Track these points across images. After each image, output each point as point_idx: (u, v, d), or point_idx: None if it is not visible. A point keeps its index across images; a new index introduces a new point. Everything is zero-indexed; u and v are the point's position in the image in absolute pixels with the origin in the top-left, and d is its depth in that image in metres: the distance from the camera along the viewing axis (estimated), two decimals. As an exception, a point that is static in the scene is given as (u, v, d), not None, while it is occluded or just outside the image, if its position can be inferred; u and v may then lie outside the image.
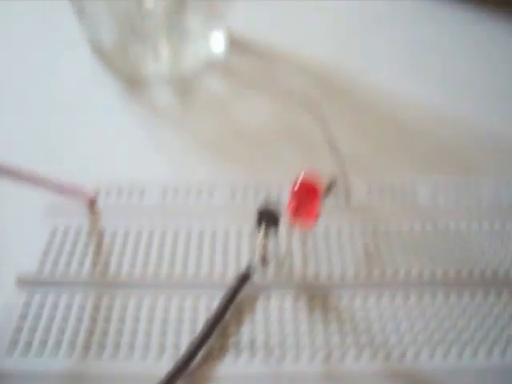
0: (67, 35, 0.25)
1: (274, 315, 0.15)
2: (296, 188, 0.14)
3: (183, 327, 0.15)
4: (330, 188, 0.17)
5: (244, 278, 0.15)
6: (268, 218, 0.15)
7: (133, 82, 0.23)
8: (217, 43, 0.25)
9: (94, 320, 0.15)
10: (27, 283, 0.16)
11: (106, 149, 0.20)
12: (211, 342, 0.14)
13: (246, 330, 0.15)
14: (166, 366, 0.14)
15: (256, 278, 0.16)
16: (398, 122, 0.22)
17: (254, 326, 0.15)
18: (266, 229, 0.15)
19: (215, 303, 0.15)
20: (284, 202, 0.16)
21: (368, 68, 0.25)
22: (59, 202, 0.18)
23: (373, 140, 0.21)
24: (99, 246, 0.17)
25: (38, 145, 0.21)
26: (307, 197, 0.14)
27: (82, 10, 0.23)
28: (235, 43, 0.26)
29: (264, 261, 0.15)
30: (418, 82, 0.24)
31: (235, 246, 0.17)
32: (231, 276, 0.16)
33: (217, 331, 0.15)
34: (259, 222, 0.16)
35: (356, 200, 0.18)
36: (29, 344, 0.14)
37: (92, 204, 0.18)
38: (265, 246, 0.15)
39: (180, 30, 0.23)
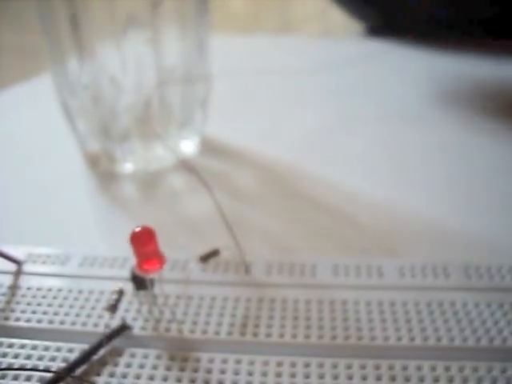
0: (62, 139, 0.29)
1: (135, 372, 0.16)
2: (130, 238, 0.16)
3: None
4: (211, 254, 0.19)
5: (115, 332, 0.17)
6: (133, 278, 0.17)
7: (108, 177, 0.27)
8: (188, 147, 0.28)
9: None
10: None
11: (58, 221, 0.24)
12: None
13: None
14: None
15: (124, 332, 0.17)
16: (339, 214, 0.23)
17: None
18: (135, 287, 0.17)
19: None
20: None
21: (324, 169, 0.27)
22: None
23: (307, 229, 0.23)
24: (12, 296, 0.19)
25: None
26: (142, 243, 0.16)
27: (72, 122, 0.27)
28: (206, 145, 0.29)
29: (111, 309, 0.16)
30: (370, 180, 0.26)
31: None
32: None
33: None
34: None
35: (254, 274, 0.19)
36: None
37: (19, 266, 0.20)
38: (117, 298, 0.17)
39: (151, 134, 0.26)
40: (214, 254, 0.19)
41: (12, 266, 0.20)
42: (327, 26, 0.64)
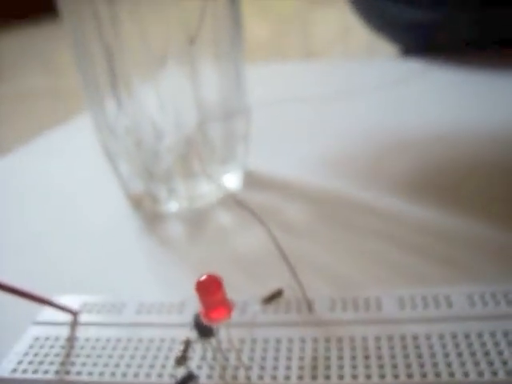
0: (105, 182, 0.29)
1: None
2: (196, 287, 0.15)
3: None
4: (274, 295, 0.18)
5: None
6: (198, 326, 0.16)
7: (153, 218, 0.27)
8: (232, 181, 0.27)
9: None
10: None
11: (109, 268, 0.23)
12: None
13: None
14: None
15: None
16: (395, 242, 0.23)
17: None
18: (200, 336, 0.16)
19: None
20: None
21: (370, 195, 0.26)
22: (47, 314, 0.20)
23: (364, 260, 0.22)
24: (71, 348, 0.18)
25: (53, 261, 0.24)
26: (209, 292, 0.15)
27: (114, 164, 0.27)
28: (250, 178, 0.28)
29: (180, 361, 0.16)
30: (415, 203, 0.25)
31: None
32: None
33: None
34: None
35: (318, 312, 0.19)
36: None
37: (75, 317, 0.20)
38: (184, 349, 0.16)
39: (194, 172, 0.26)
40: (278, 294, 0.19)
41: (68, 317, 0.20)
42: (352, 47, 0.64)
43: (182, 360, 0.16)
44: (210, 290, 0.15)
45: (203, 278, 0.15)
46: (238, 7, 0.26)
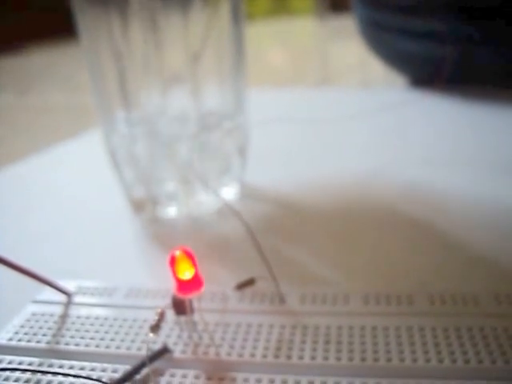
0: (112, 188, 0.32)
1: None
2: (169, 261, 0.17)
3: None
4: (247, 283, 0.20)
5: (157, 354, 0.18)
6: (173, 303, 0.18)
7: (152, 221, 0.29)
8: (228, 193, 0.29)
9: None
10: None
11: (107, 259, 0.26)
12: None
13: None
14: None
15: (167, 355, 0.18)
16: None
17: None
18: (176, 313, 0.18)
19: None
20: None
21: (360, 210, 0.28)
22: (45, 294, 0.22)
23: (335, 267, 0.24)
24: (63, 323, 0.20)
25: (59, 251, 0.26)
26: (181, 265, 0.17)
27: (120, 171, 0.29)
28: (248, 191, 0.30)
29: (154, 329, 0.18)
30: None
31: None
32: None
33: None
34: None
35: (289, 304, 0.20)
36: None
37: (70, 297, 0.22)
38: (159, 319, 0.18)
39: (192, 181, 0.28)
40: (250, 282, 0.21)
41: (63, 298, 0.22)
42: (367, 77, 0.66)
43: (155, 328, 0.18)
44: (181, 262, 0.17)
45: (176, 252, 0.17)
46: (241, 27, 0.28)
